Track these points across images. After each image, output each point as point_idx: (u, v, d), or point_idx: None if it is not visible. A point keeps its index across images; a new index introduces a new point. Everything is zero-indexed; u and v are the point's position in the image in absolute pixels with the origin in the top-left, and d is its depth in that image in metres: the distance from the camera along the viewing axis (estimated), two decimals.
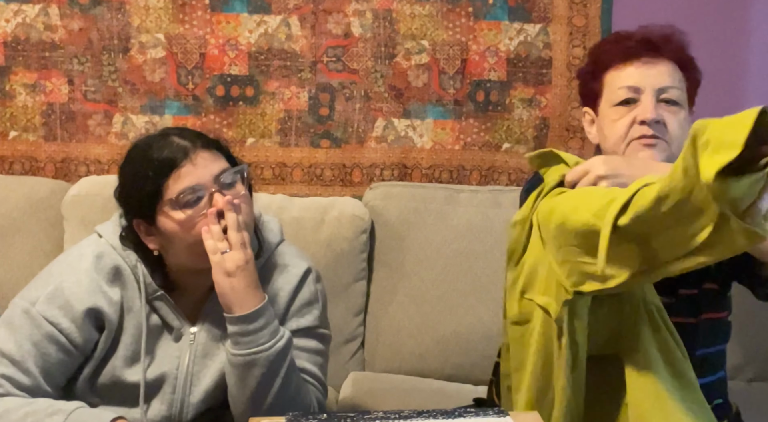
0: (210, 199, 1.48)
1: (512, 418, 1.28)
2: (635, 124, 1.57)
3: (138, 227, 1.53)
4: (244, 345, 1.48)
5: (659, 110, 1.57)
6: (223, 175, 1.50)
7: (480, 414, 1.30)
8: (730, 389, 1.71)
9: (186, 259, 1.52)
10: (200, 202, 1.48)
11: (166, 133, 1.55)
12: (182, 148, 1.49)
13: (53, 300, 1.50)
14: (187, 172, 1.48)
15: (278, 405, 1.49)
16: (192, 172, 1.48)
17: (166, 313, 1.56)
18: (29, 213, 2.25)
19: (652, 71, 1.60)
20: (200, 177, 1.48)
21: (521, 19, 2.42)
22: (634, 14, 2.43)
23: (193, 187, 1.47)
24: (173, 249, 1.52)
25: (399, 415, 1.34)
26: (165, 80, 2.43)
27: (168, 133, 1.55)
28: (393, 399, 2.05)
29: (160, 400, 1.57)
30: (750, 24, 2.46)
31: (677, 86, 1.61)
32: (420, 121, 2.46)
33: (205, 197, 1.48)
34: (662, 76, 1.60)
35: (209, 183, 1.49)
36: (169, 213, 1.48)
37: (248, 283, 1.48)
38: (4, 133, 2.45)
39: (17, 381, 1.47)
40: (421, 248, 2.24)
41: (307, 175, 2.48)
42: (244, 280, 1.47)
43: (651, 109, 1.56)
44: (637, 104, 1.59)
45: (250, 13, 2.41)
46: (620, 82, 1.61)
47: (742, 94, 2.49)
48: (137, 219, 1.52)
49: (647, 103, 1.57)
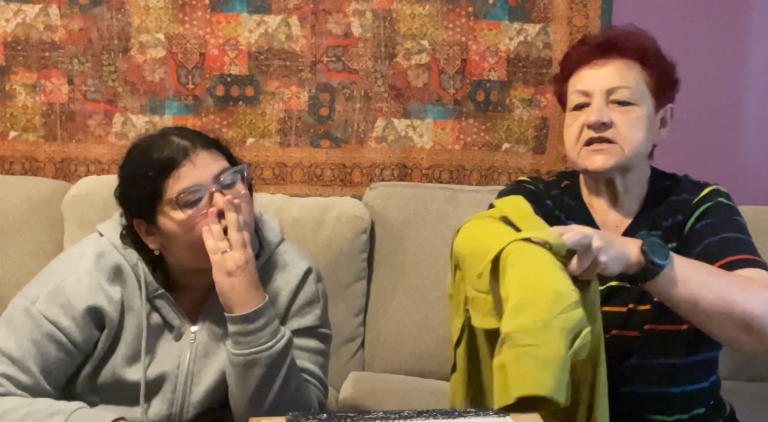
0: (210, 199, 1.48)
1: (512, 418, 1.28)
2: (584, 128, 1.55)
3: (138, 227, 1.53)
4: (245, 345, 1.48)
5: (611, 112, 1.54)
6: (223, 175, 1.50)
7: (480, 414, 1.30)
8: (730, 389, 1.72)
9: (186, 259, 1.52)
10: (200, 201, 1.48)
11: (166, 133, 1.54)
12: (182, 147, 1.49)
13: (54, 299, 1.50)
14: (187, 172, 1.47)
15: (279, 405, 1.49)
16: (192, 171, 1.48)
17: (167, 312, 1.56)
18: (29, 213, 2.25)
19: (601, 73, 1.56)
20: (200, 176, 1.48)
21: (521, 19, 2.42)
22: (634, 14, 2.44)
23: (193, 187, 1.47)
24: (173, 249, 1.52)
25: (399, 415, 1.34)
26: (165, 80, 2.43)
27: (168, 132, 1.55)
28: (393, 399, 2.05)
29: (161, 399, 1.57)
30: (750, 23, 2.47)
31: (628, 85, 1.55)
32: (420, 121, 2.46)
33: (205, 197, 1.48)
34: (611, 76, 1.56)
35: (209, 183, 1.49)
36: (169, 213, 1.48)
37: (249, 283, 1.48)
38: (4, 133, 2.45)
39: (17, 380, 1.47)
40: (421, 248, 2.24)
41: (307, 175, 2.48)
42: (244, 280, 1.47)
43: (596, 110, 1.53)
44: (589, 108, 1.56)
45: (250, 13, 2.42)
46: (573, 86, 1.59)
47: (741, 93, 2.49)
48: (137, 219, 1.52)
49: (594, 105, 1.54)
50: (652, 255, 1.32)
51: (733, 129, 2.51)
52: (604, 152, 1.53)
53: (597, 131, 1.53)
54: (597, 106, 1.54)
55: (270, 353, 1.48)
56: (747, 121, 2.51)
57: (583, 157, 1.56)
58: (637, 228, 1.58)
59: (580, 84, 1.58)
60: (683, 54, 2.47)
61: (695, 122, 2.49)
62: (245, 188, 1.54)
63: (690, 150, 2.50)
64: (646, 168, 1.63)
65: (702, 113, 2.49)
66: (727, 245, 1.47)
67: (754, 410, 1.89)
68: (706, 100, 2.49)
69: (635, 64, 1.57)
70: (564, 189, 1.67)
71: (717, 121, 2.50)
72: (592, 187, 1.63)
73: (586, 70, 1.58)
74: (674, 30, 2.46)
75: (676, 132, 2.48)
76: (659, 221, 1.58)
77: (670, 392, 1.54)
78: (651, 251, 1.32)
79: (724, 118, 2.50)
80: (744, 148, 2.52)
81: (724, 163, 2.52)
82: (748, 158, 2.52)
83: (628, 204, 1.61)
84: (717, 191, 1.59)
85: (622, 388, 1.52)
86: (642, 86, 1.57)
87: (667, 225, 1.57)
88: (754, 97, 2.50)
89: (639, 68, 1.57)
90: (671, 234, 1.55)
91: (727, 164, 2.52)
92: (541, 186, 1.67)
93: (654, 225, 1.57)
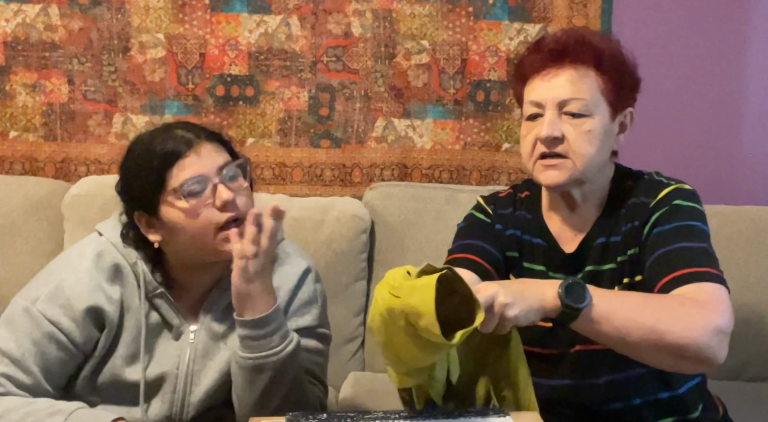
0: (213, 190, 1.48)
1: (512, 418, 1.28)
2: (537, 141, 1.52)
3: (139, 220, 1.53)
4: (254, 349, 1.47)
5: (563, 124, 1.49)
6: (226, 168, 1.51)
7: (480, 414, 1.30)
8: (730, 389, 1.72)
9: (188, 251, 1.52)
10: (204, 192, 1.48)
11: (170, 126, 1.56)
12: (186, 139, 1.50)
13: (54, 299, 1.50)
14: (191, 162, 1.48)
15: (284, 408, 1.48)
16: (196, 162, 1.48)
17: (166, 311, 1.56)
18: (29, 213, 2.25)
19: (553, 83, 1.51)
20: (204, 167, 1.49)
21: (521, 19, 2.42)
22: (634, 14, 2.44)
23: (197, 177, 1.48)
24: (175, 241, 1.52)
25: (399, 415, 1.34)
26: (165, 80, 2.43)
27: (171, 126, 1.56)
28: (393, 399, 2.04)
29: (161, 399, 1.57)
30: (749, 23, 2.46)
31: (581, 97, 1.49)
32: (420, 121, 2.46)
33: (208, 188, 1.48)
34: (563, 87, 1.50)
35: (212, 174, 1.49)
36: (174, 202, 1.48)
37: (264, 288, 1.47)
38: (4, 133, 2.45)
39: (17, 380, 1.47)
40: (421, 248, 2.24)
41: (307, 175, 2.48)
42: (261, 286, 1.47)
43: (547, 125, 1.49)
44: (541, 120, 1.52)
45: (250, 13, 2.42)
46: (528, 96, 1.55)
47: (741, 93, 2.49)
48: (138, 212, 1.52)
49: (546, 118, 1.50)
50: (568, 299, 1.30)
51: (733, 128, 2.51)
52: (557, 167, 1.50)
53: (548, 146, 1.50)
54: (548, 120, 1.49)
55: (278, 358, 1.47)
56: (747, 120, 2.51)
57: (537, 171, 1.53)
58: (594, 237, 1.55)
59: (533, 94, 1.53)
60: (683, 54, 2.50)
61: (695, 122, 2.50)
62: (247, 182, 1.54)
63: (690, 150, 2.50)
64: (607, 170, 1.58)
65: (702, 113, 2.49)
66: (676, 257, 1.43)
67: (754, 410, 1.89)
68: (706, 99, 2.49)
69: (590, 70, 1.51)
70: (522, 200, 1.65)
71: (717, 121, 2.50)
72: (551, 197, 1.61)
73: (539, 79, 1.53)
74: (674, 30, 2.46)
75: (676, 132, 2.50)
76: (617, 227, 1.54)
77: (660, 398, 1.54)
78: (566, 295, 1.30)
79: (724, 117, 2.50)
80: (744, 148, 2.52)
81: (724, 163, 2.52)
82: (748, 158, 2.52)
83: (587, 212, 1.57)
84: (676, 191, 1.52)
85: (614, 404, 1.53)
86: (596, 95, 1.50)
87: (626, 230, 1.53)
88: (754, 97, 2.49)
89: (594, 75, 1.50)
90: (630, 240, 1.52)
91: (727, 164, 2.52)
92: (492, 208, 1.65)
93: (611, 232, 1.54)
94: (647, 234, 1.50)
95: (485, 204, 1.68)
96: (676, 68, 2.46)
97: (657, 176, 1.59)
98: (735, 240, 2.21)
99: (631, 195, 1.55)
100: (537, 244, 1.60)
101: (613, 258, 1.54)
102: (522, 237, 1.61)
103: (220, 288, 1.59)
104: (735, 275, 2.14)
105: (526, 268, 1.61)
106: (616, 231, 1.54)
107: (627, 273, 1.53)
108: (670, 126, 2.49)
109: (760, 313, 2.19)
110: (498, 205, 1.66)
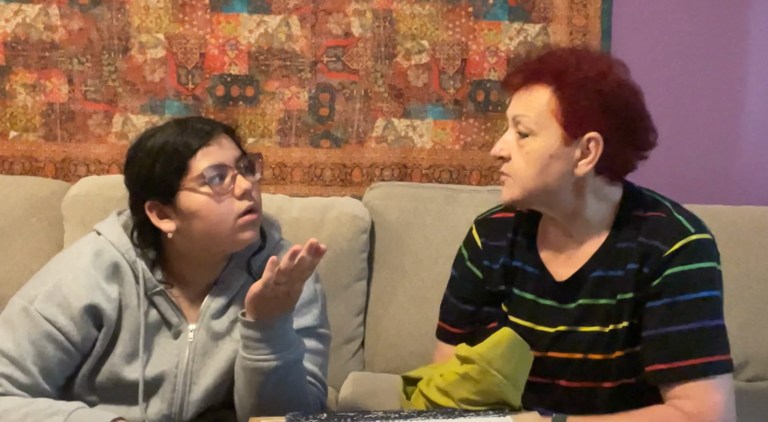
0: (233, 180, 1.52)
1: (512, 418, 1.28)
2: None
3: (151, 211, 1.53)
4: (252, 351, 1.47)
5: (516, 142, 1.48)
6: (243, 159, 1.55)
7: (480, 414, 1.30)
8: None
9: (202, 240, 1.53)
10: (224, 180, 1.52)
11: (186, 120, 1.60)
12: (207, 130, 1.54)
13: (51, 298, 1.50)
14: (214, 150, 1.52)
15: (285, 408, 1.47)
16: (218, 150, 1.53)
17: (165, 309, 1.56)
18: (29, 213, 2.25)
19: (516, 100, 1.50)
20: (225, 157, 1.53)
21: (521, 19, 2.42)
22: (634, 14, 2.44)
23: (219, 165, 1.51)
24: (191, 229, 1.52)
25: (399, 415, 1.34)
26: (165, 80, 2.43)
27: (187, 119, 1.60)
28: (393, 399, 2.04)
29: (160, 399, 1.57)
30: (749, 24, 2.46)
31: (527, 114, 1.45)
32: (420, 121, 2.46)
33: (228, 176, 1.52)
34: (516, 104, 1.49)
35: (232, 164, 1.53)
36: (197, 188, 1.51)
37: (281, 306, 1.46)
38: (4, 133, 2.45)
39: (16, 380, 1.47)
40: (421, 248, 2.24)
41: (307, 175, 2.48)
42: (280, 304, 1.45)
43: (499, 142, 1.50)
44: None
45: (250, 13, 2.42)
46: None
47: (741, 93, 2.49)
48: (151, 201, 1.53)
49: (504, 135, 1.51)
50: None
51: (733, 129, 2.51)
52: (505, 185, 1.50)
53: (499, 164, 1.51)
54: (502, 138, 1.50)
55: (277, 364, 1.47)
56: (747, 121, 2.50)
57: None
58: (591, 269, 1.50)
59: (508, 109, 1.53)
60: (683, 54, 2.49)
61: (695, 122, 2.49)
62: (260, 175, 1.59)
63: (690, 150, 2.50)
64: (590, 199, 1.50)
65: (702, 113, 2.49)
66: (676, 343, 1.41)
67: (754, 410, 1.89)
68: (706, 100, 2.49)
69: (547, 89, 1.45)
70: (522, 222, 1.61)
71: (717, 121, 2.50)
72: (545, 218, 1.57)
73: (512, 96, 1.52)
74: (674, 30, 2.46)
75: (676, 132, 2.49)
76: (620, 263, 1.48)
77: None
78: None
79: (724, 118, 2.50)
80: (744, 148, 2.52)
81: (724, 163, 2.52)
82: (748, 158, 2.52)
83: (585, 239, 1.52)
84: (694, 246, 1.43)
85: None
86: (545, 115, 1.44)
87: (633, 269, 1.46)
88: (754, 97, 2.49)
89: (550, 94, 1.44)
90: (636, 283, 1.46)
91: (727, 164, 2.52)
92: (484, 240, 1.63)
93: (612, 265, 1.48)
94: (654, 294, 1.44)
95: (477, 235, 1.65)
96: (676, 68, 2.46)
97: (676, 213, 1.49)
98: (735, 240, 2.20)
99: (642, 231, 1.47)
100: (529, 272, 1.57)
101: (612, 294, 1.49)
102: (513, 264, 1.59)
103: (220, 287, 1.59)
104: (735, 275, 2.14)
105: (516, 295, 1.59)
106: (619, 266, 1.48)
107: (626, 316, 1.47)
108: (670, 126, 2.48)
109: (759, 313, 2.19)
110: (491, 235, 1.63)
